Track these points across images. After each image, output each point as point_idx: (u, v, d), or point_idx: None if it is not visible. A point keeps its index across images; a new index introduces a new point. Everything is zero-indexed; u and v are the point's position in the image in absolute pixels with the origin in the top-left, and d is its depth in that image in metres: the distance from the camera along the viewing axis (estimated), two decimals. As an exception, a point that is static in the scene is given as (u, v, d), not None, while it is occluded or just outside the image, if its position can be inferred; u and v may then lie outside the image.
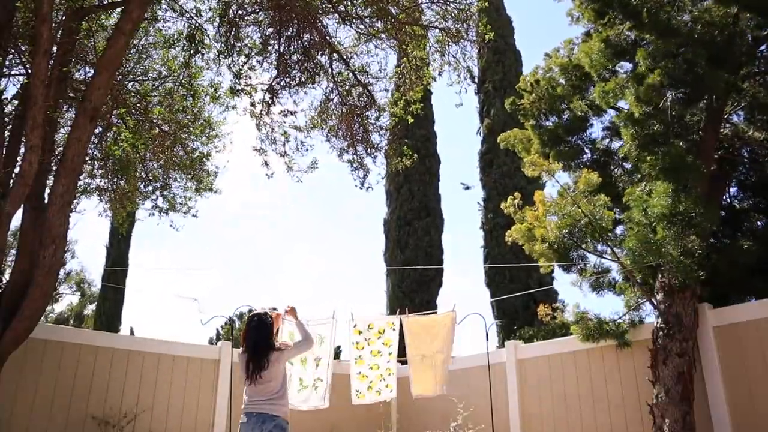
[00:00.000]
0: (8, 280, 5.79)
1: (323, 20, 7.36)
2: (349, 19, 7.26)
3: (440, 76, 7.55)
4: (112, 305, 18.77)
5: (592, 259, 7.79)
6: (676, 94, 6.69)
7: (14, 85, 6.94)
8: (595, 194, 7.02)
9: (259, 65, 7.51)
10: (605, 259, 7.52)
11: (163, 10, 7.54)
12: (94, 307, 21.00)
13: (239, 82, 7.51)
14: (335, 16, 7.31)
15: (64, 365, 6.84)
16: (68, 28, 6.30)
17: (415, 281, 15.96)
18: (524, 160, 8.11)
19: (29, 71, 6.02)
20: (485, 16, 7.74)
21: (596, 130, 8.68)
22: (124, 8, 5.86)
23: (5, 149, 5.76)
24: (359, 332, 7.41)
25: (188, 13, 7.33)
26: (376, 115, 8.08)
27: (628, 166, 8.03)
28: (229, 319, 17.23)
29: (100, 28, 7.38)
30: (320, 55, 7.64)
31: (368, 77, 7.91)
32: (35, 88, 5.21)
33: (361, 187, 8.11)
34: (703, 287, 6.46)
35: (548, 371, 7.71)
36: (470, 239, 34.24)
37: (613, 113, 8.13)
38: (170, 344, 7.78)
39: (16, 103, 6.65)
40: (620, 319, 7.02)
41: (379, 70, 7.92)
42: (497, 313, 14.14)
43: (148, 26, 7.68)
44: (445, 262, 16.64)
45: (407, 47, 7.48)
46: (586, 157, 8.46)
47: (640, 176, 7.26)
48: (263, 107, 7.80)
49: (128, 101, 7.85)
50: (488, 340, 8.10)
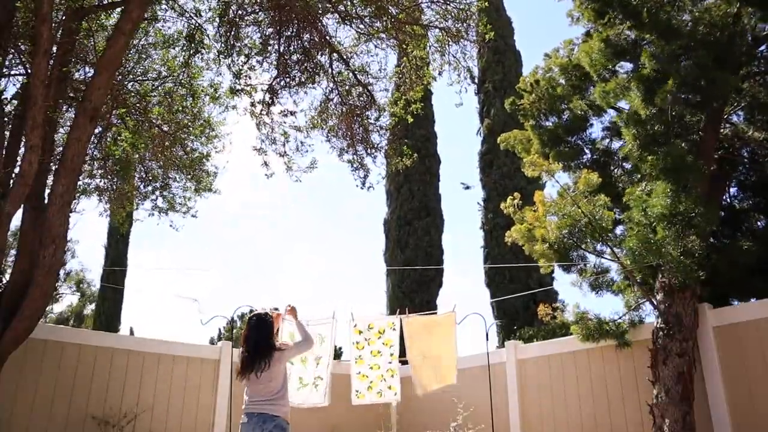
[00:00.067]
0: (8, 280, 5.79)
1: (323, 20, 7.37)
2: (349, 18, 7.26)
3: (440, 75, 7.57)
4: (111, 305, 18.75)
5: (592, 259, 7.79)
6: (681, 96, 6.68)
7: (14, 85, 6.96)
8: (595, 194, 7.02)
9: (259, 65, 7.51)
10: (605, 259, 7.52)
11: (163, 10, 7.54)
12: (93, 307, 20.98)
13: (239, 82, 7.51)
14: (335, 15, 7.30)
15: (64, 365, 6.84)
16: (68, 28, 6.30)
17: (415, 281, 15.96)
18: (524, 160, 8.11)
19: (29, 71, 6.03)
20: (485, 16, 7.74)
21: (596, 130, 8.69)
22: (124, 8, 5.86)
23: (5, 149, 5.77)
24: (359, 332, 7.41)
25: (188, 13, 7.34)
26: (376, 115, 8.09)
27: (628, 166, 8.03)
28: (230, 319, 17.19)
29: (100, 28, 7.38)
30: (320, 55, 7.64)
31: (368, 77, 7.91)
32: (35, 88, 5.21)
33: (361, 187, 8.13)
34: (703, 287, 6.45)
35: (548, 371, 7.71)
36: (470, 239, 34.25)
37: (613, 113, 8.13)
38: (170, 344, 7.78)
39: (16, 103, 6.65)
40: (620, 319, 7.02)
41: (379, 69, 7.92)
42: (497, 313, 14.14)
43: (148, 26, 7.68)
44: (445, 262, 16.67)
45: (407, 47, 7.48)
46: (586, 157, 8.46)
47: (640, 176, 7.26)
48: (263, 107, 7.80)
49: (128, 101, 7.85)
50: (488, 340, 8.12)
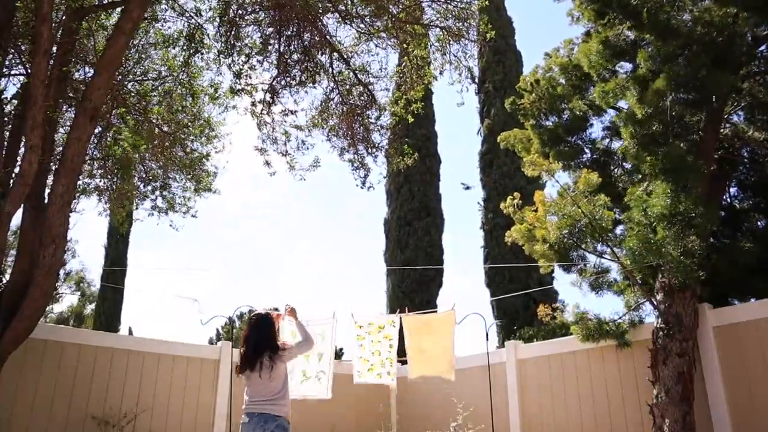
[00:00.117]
0: (8, 280, 5.78)
1: (323, 19, 7.36)
2: (349, 18, 7.26)
3: (441, 75, 7.57)
4: (111, 305, 18.75)
5: (592, 259, 7.78)
6: (678, 96, 6.68)
7: (14, 85, 6.94)
8: (595, 194, 7.02)
9: (259, 65, 7.51)
10: (605, 259, 7.52)
11: (163, 9, 7.53)
12: (93, 307, 20.97)
13: (239, 81, 7.51)
14: (335, 15, 7.30)
15: (64, 365, 6.83)
16: (68, 28, 6.29)
17: (415, 281, 15.96)
18: (524, 160, 8.11)
19: (29, 71, 6.02)
20: (486, 15, 7.73)
21: (596, 129, 8.69)
22: (124, 8, 5.85)
23: (5, 149, 5.76)
24: (360, 327, 7.59)
25: (188, 12, 7.33)
26: (376, 114, 8.08)
27: (628, 166, 8.03)
28: (229, 319, 17.21)
29: (100, 28, 7.37)
30: (320, 54, 7.64)
31: (369, 76, 7.90)
32: (35, 88, 5.20)
33: (362, 186, 8.13)
34: (703, 287, 6.45)
35: (548, 371, 7.71)
36: (470, 239, 34.27)
37: (613, 113, 8.13)
38: (170, 344, 7.78)
39: (16, 103, 6.65)
40: (620, 319, 7.02)
41: (379, 69, 7.91)
42: (497, 313, 14.14)
43: (148, 26, 7.67)
44: (445, 262, 16.67)
45: (408, 46, 7.48)
46: (586, 156, 8.46)
47: (640, 176, 7.26)
48: (264, 107, 7.80)
49: (128, 101, 7.84)
50: (488, 340, 8.11)
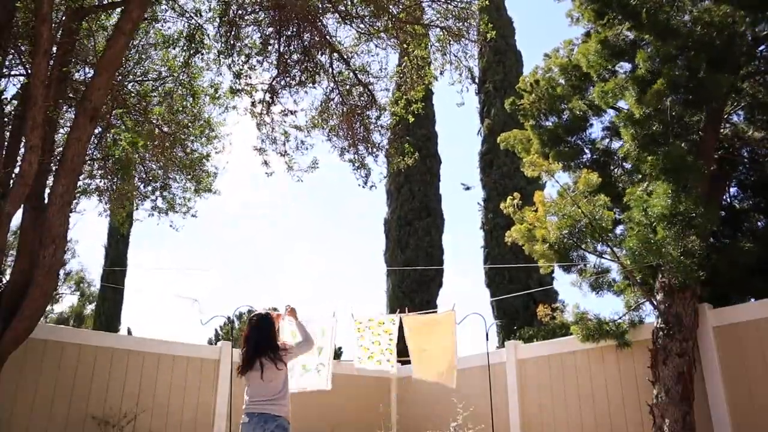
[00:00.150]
0: (8, 280, 5.79)
1: (323, 20, 7.37)
2: (349, 18, 7.26)
3: (441, 75, 7.57)
4: (111, 305, 18.74)
5: (592, 259, 7.79)
6: (678, 96, 6.68)
7: (14, 85, 6.95)
8: (594, 194, 7.02)
9: (259, 65, 7.52)
10: (605, 259, 7.52)
11: (163, 10, 7.53)
12: (93, 307, 20.97)
13: (239, 82, 7.51)
14: (335, 15, 7.30)
15: (64, 365, 6.84)
16: (68, 28, 6.30)
17: (415, 281, 15.96)
18: (524, 160, 8.11)
19: (29, 71, 6.02)
20: (486, 15, 7.73)
21: (596, 130, 8.69)
22: (124, 8, 5.86)
23: (5, 149, 5.76)
24: (359, 322, 7.63)
25: (188, 13, 7.34)
26: (377, 114, 8.08)
27: (627, 166, 8.03)
28: (228, 319, 17.20)
29: (100, 28, 7.38)
30: (320, 54, 7.64)
31: (369, 77, 7.91)
32: (35, 88, 5.21)
33: (363, 186, 8.14)
34: (703, 287, 6.45)
35: (548, 371, 7.71)
36: (470, 239, 34.28)
37: (612, 113, 8.13)
38: (170, 344, 7.79)
39: (16, 103, 6.65)
40: (620, 319, 7.02)
41: (379, 69, 7.92)
42: (497, 313, 14.14)
43: (148, 26, 7.67)
44: (445, 262, 16.67)
45: (408, 46, 7.48)
46: (585, 157, 8.46)
47: (640, 176, 7.26)
48: (263, 107, 7.80)
49: (128, 101, 7.85)
50: (488, 340, 8.11)
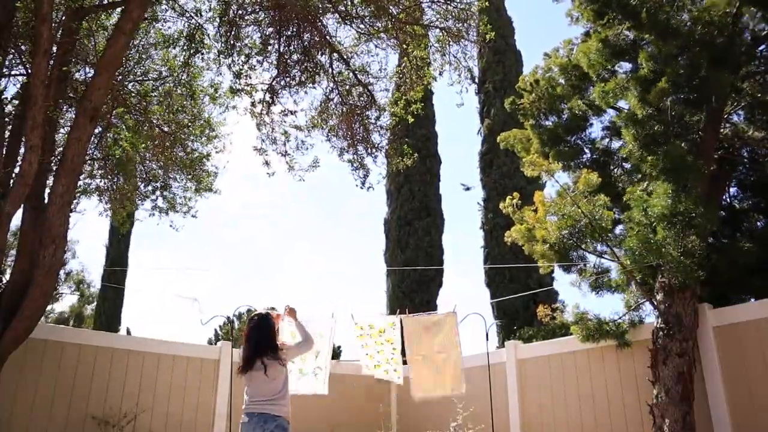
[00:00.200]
0: (8, 280, 5.79)
1: (323, 20, 7.37)
2: (349, 18, 7.26)
3: (441, 75, 7.57)
4: (111, 305, 18.74)
5: (592, 259, 7.79)
6: (679, 96, 6.68)
7: (14, 85, 6.96)
8: (594, 194, 7.02)
9: (259, 65, 7.52)
10: (605, 259, 7.52)
11: (163, 10, 7.54)
12: (93, 307, 20.97)
13: (239, 81, 7.51)
14: (335, 15, 7.30)
15: (64, 365, 6.84)
16: (68, 28, 6.30)
17: (415, 281, 15.96)
18: (524, 160, 8.11)
19: (29, 71, 6.03)
20: (486, 15, 7.74)
21: (596, 129, 8.70)
22: (124, 8, 5.86)
23: (5, 149, 5.77)
24: (361, 328, 7.47)
25: (188, 13, 7.34)
26: (376, 114, 8.08)
27: (627, 166, 8.03)
28: (228, 319, 17.21)
29: (100, 28, 7.38)
30: (320, 54, 7.64)
31: (368, 77, 7.91)
32: (35, 88, 5.21)
33: (361, 186, 8.12)
34: (702, 287, 6.46)
35: (548, 371, 7.71)
36: (470, 239, 34.27)
37: (612, 113, 8.13)
38: (170, 344, 7.79)
39: (16, 103, 6.65)
40: (620, 319, 7.02)
41: (379, 69, 7.92)
42: (497, 313, 14.14)
43: (148, 26, 7.67)
44: (445, 262, 16.68)
45: (408, 47, 7.48)
46: (585, 156, 8.46)
47: (640, 176, 7.26)
48: (263, 107, 7.80)
49: (128, 101, 7.85)
50: (488, 340, 8.10)
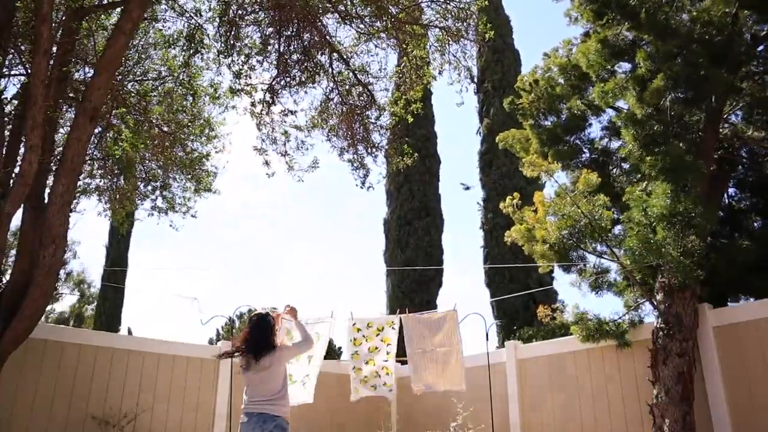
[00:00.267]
0: (8, 280, 5.79)
1: (323, 20, 7.37)
2: (349, 18, 7.26)
3: (440, 75, 7.57)
4: (111, 305, 18.73)
5: (591, 259, 7.79)
6: (677, 95, 6.69)
7: (14, 85, 6.96)
8: (594, 194, 7.02)
9: (259, 65, 7.51)
10: (605, 259, 7.52)
11: (163, 10, 7.54)
12: (93, 307, 20.97)
13: (239, 81, 7.51)
14: (335, 15, 7.31)
15: (64, 365, 6.84)
16: (68, 28, 6.30)
17: (415, 281, 15.96)
18: (523, 160, 8.10)
19: (29, 71, 6.02)
20: (485, 15, 7.73)
21: (595, 129, 8.70)
22: (124, 8, 5.86)
23: (5, 149, 5.77)
24: (358, 329, 7.44)
25: (188, 13, 7.34)
26: (376, 114, 8.09)
27: (626, 166, 8.03)
28: (229, 319, 17.22)
29: (100, 27, 7.38)
30: (320, 54, 7.64)
31: (368, 77, 7.91)
32: (35, 88, 5.21)
33: (361, 186, 8.13)
34: (702, 287, 6.46)
35: (548, 371, 7.71)
36: (470, 239, 34.25)
37: (611, 112, 8.13)
38: (170, 344, 7.78)
39: (16, 103, 6.65)
40: (620, 319, 7.02)
41: (379, 69, 7.92)
42: (497, 313, 14.14)
43: (148, 26, 7.68)
44: (445, 262, 16.68)
45: (407, 46, 7.48)
46: (584, 156, 8.46)
47: (639, 176, 7.26)
48: (263, 107, 7.81)
49: (128, 101, 7.85)
50: (488, 340, 8.09)
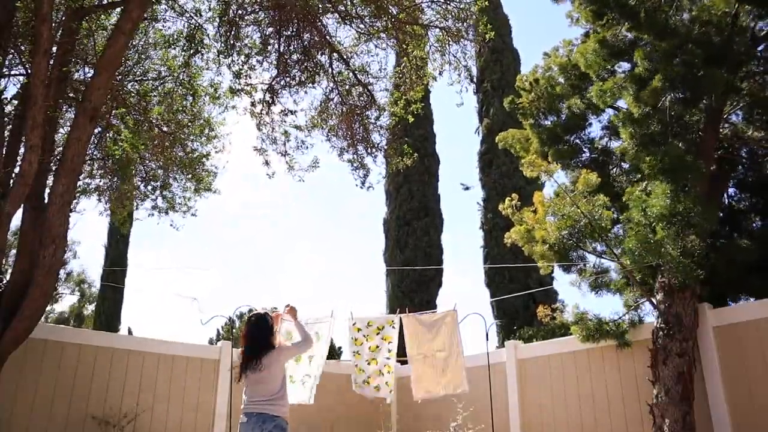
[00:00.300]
0: (8, 280, 5.79)
1: (323, 20, 7.37)
2: (349, 18, 7.26)
3: (441, 75, 7.56)
4: (111, 305, 18.73)
5: (591, 259, 7.79)
6: (675, 94, 6.69)
7: (14, 85, 6.95)
8: (594, 194, 7.02)
9: (259, 65, 7.52)
10: (605, 259, 7.52)
11: (163, 10, 7.54)
12: (93, 307, 20.96)
13: (239, 81, 7.52)
14: (335, 15, 7.31)
15: (64, 365, 6.84)
16: (68, 28, 6.30)
17: (414, 281, 15.97)
18: (523, 160, 8.10)
19: (29, 71, 6.02)
20: (485, 15, 7.73)
21: (595, 129, 8.71)
22: (124, 8, 5.86)
23: (5, 149, 5.77)
24: (358, 329, 7.41)
25: (188, 12, 7.34)
26: (376, 114, 8.09)
27: (626, 165, 8.03)
28: (229, 318, 17.23)
29: (100, 28, 7.38)
30: (320, 54, 7.65)
31: (368, 77, 7.91)
32: (35, 88, 5.21)
33: (361, 186, 8.14)
34: (702, 287, 6.46)
35: (548, 371, 7.71)
36: (470, 239, 34.27)
37: (611, 112, 8.13)
38: (170, 344, 7.78)
39: (16, 103, 6.65)
40: (620, 319, 7.02)
41: (379, 69, 7.92)
42: (497, 313, 14.15)
43: (148, 26, 7.68)
44: (444, 262, 16.70)
45: (407, 47, 7.48)
46: (584, 156, 8.46)
47: (639, 176, 7.26)
48: (263, 107, 7.81)
49: (128, 101, 7.85)
50: (488, 340, 8.09)
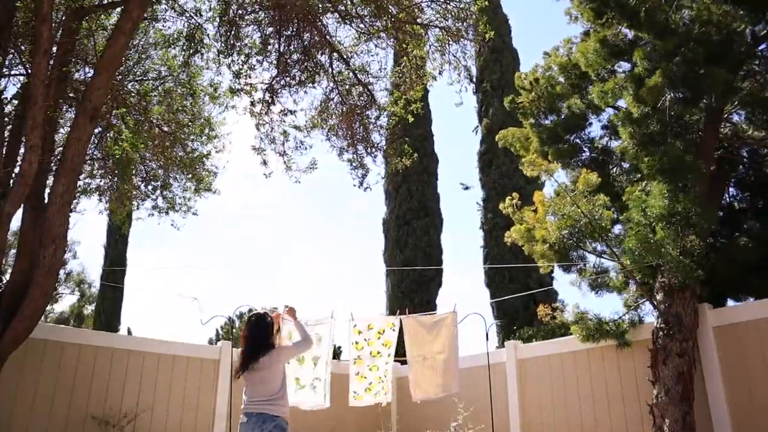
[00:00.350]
0: (8, 280, 5.79)
1: (323, 19, 7.36)
2: (348, 18, 7.26)
3: (440, 75, 7.55)
4: (111, 304, 18.72)
5: (591, 259, 7.79)
6: (675, 94, 6.69)
7: (14, 85, 6.95)
8: (594, 194, 7.02)
9: (258, 65, 7.51)
10: (605, 258, 7.52)
11: (162, 10, 7.54)
12: (93, 307, 20.95)
13: (239, 81, 7.51)
14: (335, 15, 7.30)
15: (64, 365, 6.84)
16: (68, 28, 6.30)
17: (414, 281, 15.96)
18: (523, 159, 8.10)
19: (29, 71, 6.03)
20: (485, 15, 7.73)
21: (595, 128, 8.70)
22: (124, 8, 5.86)
23: (5, 149, 5.77)
24: (359, 332, 7.33)
25: (188, 12, 7.34)
26: (376, 114, 8.08)
27: (626, 165, 8.04)
28: (228, 318, 17.22)
29: (100, 28, 7.38)
30: (320, 54, 7.64)
31: (368, 76, 7.90)
32: (35, 88, 5.21)
33: (359, 186, 8.11)
34: (701, 287, 6.46)
35: (548, 371, 7.71)
36: (470, 239, 34.24)
37: (611, 112, 8.13)
38: (170, 344, 7.78)
39: (16, 103, 6.65)
40: (620, 319, 7.02)
41: (379, 69, 7.91)
42: (497, 313, 14.14)
43: (148, 26, 7.68)
44: (444, 262, 16.69)
45: (407, 46, 7.48)
46: (584, 155, 8.47)
47: (639, 176, 7.26)
48: (263, 106, 7.80)
49: (128, 101, 7.85)
50: (488, 340, 8.08)
